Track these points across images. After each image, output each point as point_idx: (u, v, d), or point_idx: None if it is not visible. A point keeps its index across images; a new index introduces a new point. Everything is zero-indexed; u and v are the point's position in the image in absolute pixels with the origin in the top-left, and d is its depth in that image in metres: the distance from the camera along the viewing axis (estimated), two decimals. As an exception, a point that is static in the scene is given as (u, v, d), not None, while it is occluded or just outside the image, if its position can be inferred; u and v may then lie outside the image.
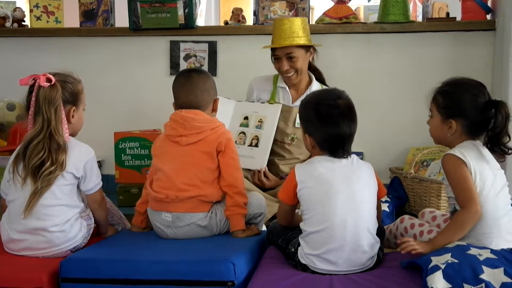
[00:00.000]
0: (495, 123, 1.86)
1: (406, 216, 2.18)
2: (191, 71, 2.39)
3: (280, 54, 2.88)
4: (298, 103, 2.97)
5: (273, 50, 2.93)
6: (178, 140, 2.19)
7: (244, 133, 2.92)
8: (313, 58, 3.01)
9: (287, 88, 3.00)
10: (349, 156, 1.92)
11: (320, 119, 1.91)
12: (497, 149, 1.89)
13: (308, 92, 2.91)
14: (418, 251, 1.77)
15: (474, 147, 1.91)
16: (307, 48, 2.93)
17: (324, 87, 3.00)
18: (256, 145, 2.87)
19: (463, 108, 1.91)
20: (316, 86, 2.99)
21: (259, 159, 2.85)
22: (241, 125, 2.94)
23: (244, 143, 2.91)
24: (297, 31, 2.91)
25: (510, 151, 1.91)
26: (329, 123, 1.89)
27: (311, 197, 1.89)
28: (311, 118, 1.94)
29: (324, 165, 1.91)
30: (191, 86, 2.25)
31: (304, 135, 1.99)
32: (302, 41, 2.88)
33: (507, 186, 1.94)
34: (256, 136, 2.89)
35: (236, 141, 2.86)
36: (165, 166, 2.18)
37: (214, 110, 2.32)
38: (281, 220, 2.09)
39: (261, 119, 2.90)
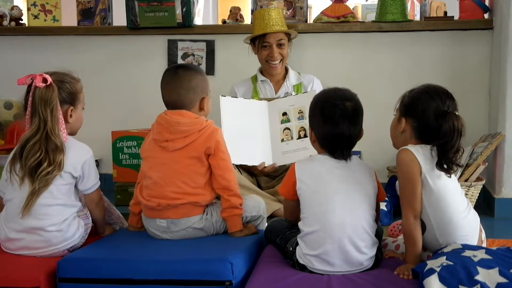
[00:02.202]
0: (440, 132, 1.83)
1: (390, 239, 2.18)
2: (178, 67, 2.27)
3: (272, 41, 3.00)
4: (281, 93, 3.07)
5: (261, 38, 3.00)
6: (165, 146, 2.13)
7: (288, 128, 2.89)
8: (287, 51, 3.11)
9: (268, 80, 3.09)
10: (349, 159, 1.92)
11: (322, 116, 1.91)
12: (445, 163, 1.83)
13: (287, 80, 3.09)
14: (408, 275, 1.77)
15: (427, 150, 1.87)
16: (289, 37, 3.08)
17: (303, 74, 3.17)
18: (305, 136, 2.83)
19: (414, 109, 1.90)
20: (292, 73, 3.13)
21: (312, 147, 2.84)
22: (282, 121, 2.91)
23: (292, 138, 2.88)
24: (281, 20, 3.06)
25: (456, 168, 1.85)
26: (329, 122, 1.89)
27: (309, 196, 1.89)
28: (315, 114, 1.95)
29: (324, 164, 1.91)
30: (175, 84, 2.17)
31: (309, 128, 2.00)
32: (287, 29, 3.05)
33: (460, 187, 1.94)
34: (302, 127, 2.86)
35: (283, 139, 2.88)
36: (153, 174, 2.14)
37: (202, 109, 2.20)
38: (286, 216, 2.09)
39: (300, 110, 2.87)
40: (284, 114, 2.91)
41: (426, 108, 1.87)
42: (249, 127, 2.86)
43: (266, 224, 2.35)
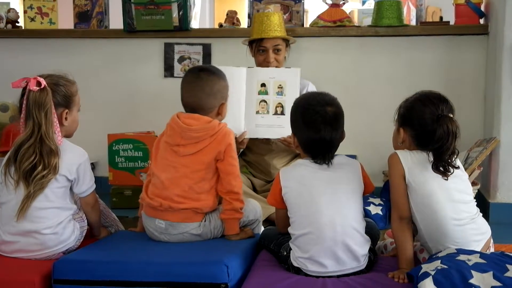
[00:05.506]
0: (435, 136, 1.83)
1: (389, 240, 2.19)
2: (201, 70, 2.22)
3: (268, 46, 2.95)
4: None
5: (259, 42, 2.98)
6: (176, 150, 2.12)
7: (265, 101, 2.82)
8: (284, 57, 3.07)
9: None
10: (330, 162, 1.92)
11: (303, 122, 1.93)
12: (441, 166, 1.84)
13: None
14: (403, 278, 1.78)
15: (423, 156, 1.89)
16: (287, 43, 3.03)
17: None
18: (282, 113, 2.78)
19: (410, 118, 1.92)
20: None
21: (289, 127, 2.81)
22: (260, 92, 2.82)
23: (268, 112, 2.81)
24: (281, 25, 3.01)
25: (452, 170, 1.85)
26: (310, 128, 1.91)
27: (295, 199, 1.91)
28: (296, 119, 1.97)
29: (307, 167, 1.93)
30: (197, 88, 2.14)
31: (292, 133, 2.02)
32: (286, 35, 2.99)
33: (469, 192, 1.92)
34: (279, 103, 2.79)
35: (258, 111, 2.81)
36: (161, 174, 2.13)
37: (220, 114, 2.20)
38: (279, 227, 2.09)
39: (280, 85, 2.80)
40: (263, 85, 2.83)
41: (421, 115, 1.89)
42: None
43: (262, 227, 2.36)
